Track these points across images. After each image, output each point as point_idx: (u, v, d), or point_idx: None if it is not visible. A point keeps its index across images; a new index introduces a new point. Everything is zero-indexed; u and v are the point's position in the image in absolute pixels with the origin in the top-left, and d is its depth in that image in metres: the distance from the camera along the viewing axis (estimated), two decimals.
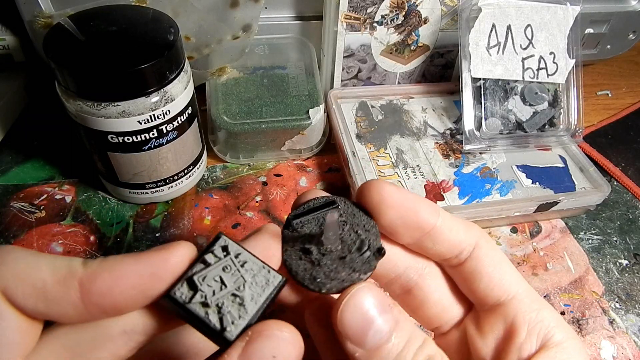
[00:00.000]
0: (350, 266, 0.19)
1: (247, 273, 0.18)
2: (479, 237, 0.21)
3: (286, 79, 0.46)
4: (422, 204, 0.20)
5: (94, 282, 0.16)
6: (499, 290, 0.21)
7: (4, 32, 0.44)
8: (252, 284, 0.17)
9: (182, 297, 0.17)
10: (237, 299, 0.17)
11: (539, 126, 0.45)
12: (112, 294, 0.17)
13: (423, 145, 0.44)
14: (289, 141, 0.43)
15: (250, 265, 0.18)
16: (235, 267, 0.18)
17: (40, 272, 0.16)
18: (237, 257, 0.18)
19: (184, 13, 0.39)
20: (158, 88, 0.33)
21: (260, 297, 0.17)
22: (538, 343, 0.19)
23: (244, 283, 0.17)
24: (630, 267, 0.39)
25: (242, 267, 0.18)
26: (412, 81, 0.51)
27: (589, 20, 0.51)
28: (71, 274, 0.16)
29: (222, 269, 0.17)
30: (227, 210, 0.41)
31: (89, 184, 0.42)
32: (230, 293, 0.17)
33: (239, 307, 0.17)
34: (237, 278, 0.17)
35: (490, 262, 0.21)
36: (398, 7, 0.44)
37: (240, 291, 0.17)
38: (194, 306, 0.17)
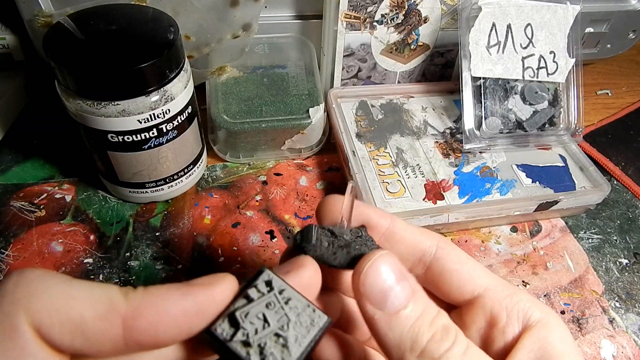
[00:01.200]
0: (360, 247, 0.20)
1: (292, 311, 0.17)
2: (438, 239, 0.22)
3: (286, 78, 0.46)
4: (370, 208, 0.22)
5: (138, 318, 0.15)
6: (471, 284, 0.21)
7: (4, 31, 0.44)
8: (296, 324, 0.17)
9: (222, 334, 0.16)
10: (281, 340, 0.16)
11: (539, 125, 0.45)
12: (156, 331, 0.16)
13: (423, 145, 0.44)
14: (289, 140, 0.43)
15: (295, 303, 0.17)
16: (279, 304, 0.17)
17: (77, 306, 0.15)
18: (281, 293, 0.17)
19: (183, 12, 0.39)
20: (158, 87, 0.33)
21: (305, 339, 0.16)
22: (519, 324, 0.20)
23: (288, 322, 0.16)
24: (630, 266, 0.39)
25: (286, 305, 0.17)
26: (412, 80, 0.51)
27: (589, 19, 0.51)
28: (113, 309, 0.15)
29: (265, 305, 0.17)
30: (227, 209, 0.41)
31: (89, 183, 0.42)
32: (274, 333, 0.16)
33: (282, 349, 0.16)
34: (280, 316, 0.17)
35: (456, 260, 0.22)
36: (398, 6, 0.44)
37: (284, 331, 0.16)
38: (235, 345, 0.16)
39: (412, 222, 0.37)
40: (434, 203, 0.39)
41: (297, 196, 0.42)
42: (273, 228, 0.40)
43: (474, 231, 0.41)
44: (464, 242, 0.40)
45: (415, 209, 0.38)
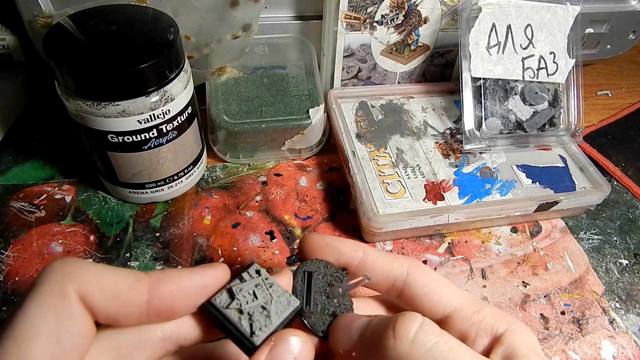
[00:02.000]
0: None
1: (274, 293, 0.21)
2: (408, 264, 0.24)
3: (286, 79, 0.46)
4: (343, 243, 0.25)
5: (159, 287, 0.19)
6: (441, 305, 0.23)
7: (4, 31, 0.44)
8: (277, 302, 0.21)
9: (221, 303, 0.20)
10: (265, 312, 0.20)
11: (539, 126, 0.45)
12: (172, 299, 0.20)
13: (423, 145, 0.44)
14: (289, 141, 0.43)
15: (276, 288, 0.21)
16: (265, 286, 0.21)
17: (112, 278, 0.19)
18: (266, 279, 0.22)
19: (183, 12, 0.39)
20: (158, 87, 0.33)
21: (283, 314, 0.21)
22: (488, 337, 0.22)
23: (271, 300, 0.21)
24: (630, 267, 0.39)
25: (270, 287, 0.21)
26: (412, 81, 0.51)
27: (589, 20, 0.51)
28: (140, 280, 0.19)
29: (255, 285, 0.21)
30: (227, 209, 0.41)
31: (88, 183, 0.42)
32: (260, 305, 0.21)
33: (265, 319, 0.20)
34: (265, 294, 0.21)
35: (424, 284, 0.24)
36: (398, 6, 0.44)
37: (268, 305, 0.21)
38: (230, 312, 0.20)
39: (412, 222, 0.37)
40: (434, 204, 0.39)
41: (297, 197, 0.42)
42: (273, 228, 0.40)
43: (474, 232, 0.41)
44: (464, 242, 0.40)
45: (415, 209, 0.38)
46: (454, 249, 0.39)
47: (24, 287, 0.34)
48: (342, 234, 0.39)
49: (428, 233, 0.40)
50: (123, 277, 0.19)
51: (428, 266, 0.26)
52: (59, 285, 0.18)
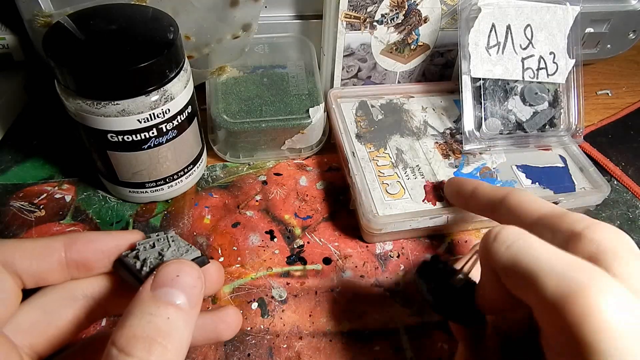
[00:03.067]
0: None
1: (173, 244, 0.24)
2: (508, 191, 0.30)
3: (286, 78, 0.46)
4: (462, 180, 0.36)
5: (75, 242, 0.22)
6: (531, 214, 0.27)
7: (4, 31, 0.44)
8: (174, 250, 0.23)
9: (123, 254, 0.23)
10: (160, 257, 0.23)
11: (539, 126, 0.45)
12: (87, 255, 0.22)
13: (423, 145, 0.44)
14: (289, 140, 0.43)
15: (178, 243, 0.24)
16: (166, 241, 0.24)
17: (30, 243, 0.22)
18: (171, 237, 0.24)
19: (183, 12, 0.39)
20: (158, 87, 0.33)
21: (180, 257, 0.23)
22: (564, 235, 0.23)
23: (168, 248, 0.23)
24: None
25: (171, 242, 0.24)
26: (412, 80, 0.51)
27: (589, 19, 0.51)
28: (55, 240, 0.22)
29: (156, 240, 0.24)
30: (227, 209, 0.41)
31: (88, 183, 0.42)
32: (157, 252, 0.23)
33: (158, 261, 0.22)
34: (164, 244, 0.24)
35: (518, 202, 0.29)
36: (398, 6, 0.44)
37: (163, 252, 0.23)
38: (129, 259, 0.23)
39: (411, 224, 0.37)
40: (434, 204, 0.39)
41: (297, 196, 0.42)
42: (273, 228, 0.40)
43: (474, 232, 0.41)
44: (463, 242, 0.40)
45: (414, 210, 0.38)
46: (454, 249, 0.39)
47: None
48: (341, 234, 0.39)
49: (428, 233, 0.40)
50: (40, 240, 0.22)
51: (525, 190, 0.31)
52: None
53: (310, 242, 0.39)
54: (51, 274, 0.22)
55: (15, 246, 0.21)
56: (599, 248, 0.21)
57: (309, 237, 0.39)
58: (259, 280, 0.36)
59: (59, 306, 0.22)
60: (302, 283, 0.36)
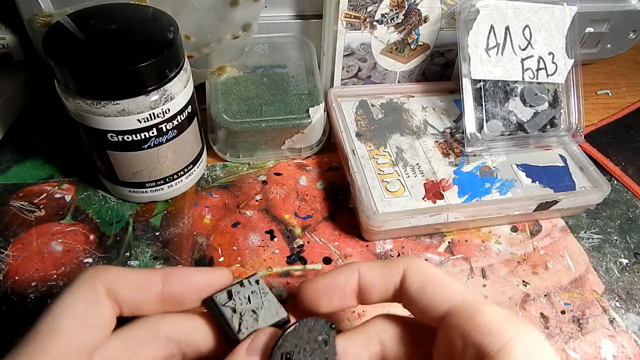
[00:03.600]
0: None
1: (266, 301, 0.24)
2: (404, 268, 0.24)
3: (286, 78, 0.46)
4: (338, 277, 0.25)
5: (171, 278, 0.23)
6: (433, 309, 0.23)
7: (4, 30, 0.44)
8: (266, 309, 0.24)
9: (220, 301, 0.24)
10: (254, 315, 0.24)
11: (540, 127, 0.45)
12: (182, 289, 0.23)
13: (423, 144, 0.44)
14: (289, 140, 0.43)
15: (269, 298, 0.25)
16: (260, 294, 0.25)
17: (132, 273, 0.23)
18: (263, 289, 0.25)
19: (183, 12, 0.39)
20: (158, 86, 0.33)
21: (269, 320, 0.24)
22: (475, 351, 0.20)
23: (262, 307, 0.24)
24: (630, 266, 0.39)
25: (264, 296, 0.25)
26: (412, 80, 0.51)
27: (589, 19, 0.51)
28: (154, 273, 0.23)
29: (251, 292, 0.25)
30: (227, 209, 0.41)
31: (88, 182, 0.42)
32: (252, 309, 0.24)
33: (253, 321, 0.23)
34: (258, 301, 0.24)
35: (416, 289, 0.23)
36: (398, 5, 0.44)
37: (258, 310, 0.24)
38: (226, 309, 0.24)
39: (411, 221, 0.37)
40: (434, 202, 0.39)
41: (297, 196, 0.42)
42: (273, 228, 0.40)
43: (474, 231, 0.41)
44: (464, 241, 0.40)
45: (414, 208, 0.38)
46: (454, 248, 0.39)
47: (24, 286, 0.34)
48: (341, 233, 0.39)
49: (428, 232, 0.40)
50: (141, 271, 0.23)
51: (427, 263, 0.25)
52: (89, 280, 0.22)
53: (310, 241, 0.39)
54: (147, 305, 0.23)
55: (120, 275, 0.22)
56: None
57: (309, 236, 0.39)
58: None
59: (142, 343, 0.23)
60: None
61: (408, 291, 0.23)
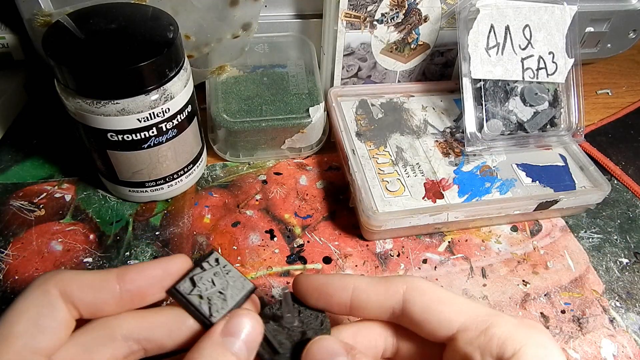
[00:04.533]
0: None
1: (230, 279, 0.24)
2: (404, 289, 0.23)
3: (286, 78, 0.46)
4: (333, 283, 0.25)
5: (126, 273, 0.23)
6: (442, 329, 0.22)
7: (4, 30, 0.44)
8: (232, 287, 0.24)
9: (184, 290, 0.23)
10: (222, 296, 0.24)
11: (540, 126, 0.45)
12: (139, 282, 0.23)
13: (423, 144, 0.44)
14: (289, 139, 0.43)
15: (233, 274, 0.25)
16: (222, 273, 0.24)
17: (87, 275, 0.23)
18: (224, 267, 0.25)
19: (183, 11, 0.39)
20: (157, 86, 0.33)
21: (237, 296, 0.24)
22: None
23: (227, 285, 0.24)
24: (630, 266, 0.39)
25: (227, 274, 0.24)
26: (412, 79, 0.51)
27: (589, 19, 0.51)
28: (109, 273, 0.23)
29: (213, 274, 0.24)
30: (227, 208, 0.41)
31: (88, 182, 0.42)
32: (218, 291, 0.24)
33: (222, 302, 0.23)
34: (222, 281, 0.24)
35: (421, 311, 0.23)
36: (398, 5, 0.44)
37: (225, 290, 0.24)
38: (193, 297, 0.23)
39: (411, 220, 0.37)
40: (434, 202, 0.39)
41: (297, 195, 0.42)
42: (273, 227, 0.40)
43: (474, 230, 0.41)
44: (464, 241, 0.40)
45: (414, 207, 0.38)
46: (454, 248, 0.39)
47: (24, 286, 0.34)
48: (341, 233, 0.39)
49: (428, 231, 0.40)
50: (96, 273, 0.23)
51: (428, 282, 0.24)
52: (42, 284, 0.22)
53: (310, 241, 0.39)
54: (108, 305, 0.22)
55: (74, 277, 0.22)
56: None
57: (309, 236, 0.39)
58: (258, 280, 0.36)
59: (98, 344, 0.22)
60: None
61: (412, 314, 0.23)
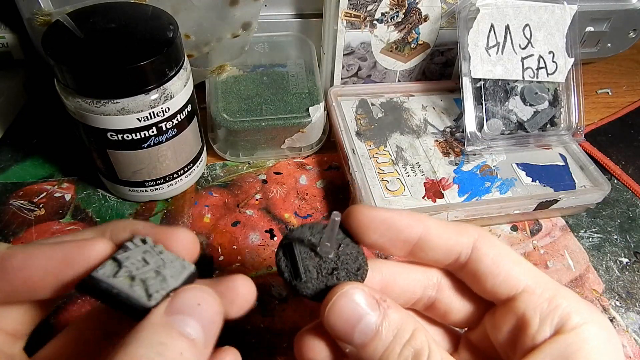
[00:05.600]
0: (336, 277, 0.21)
1: (166, 258, 0.19)
2: (475, 237, 0.22)
3: (286, 77, 0.46)
4: (402, 218, 0.21)
5: (9, 259, 0.18)
6: (506, 286, 0.21)
7: (3, 29, 0.44)
8: (171, 266, 0.19)
9: (105, 274, 0.18)
10: (160, 276, 0.18)
11: (540, 126, 0.45)
12: (25, 272, 0.18)
13: (423, 143, 0.44)
14: (289, 139, 0.43)
15: (166, 255, 0.19)
16: (154, 252, 0.19)
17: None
18: (155, 246, 0.19)
19: (183, 11, 0.39)
20: (157, 85, 0.33)
21: (180, 276, 0.19)
22: (552, 330, 0.20)
23: (164, 264, 0.19)
24: (630, 265, 0.39)
25: (160, 254, 0.19)
26: (412, 79, 0.51)
27: (589, 18, 0.51)
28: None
29: (142, 252, 0.19)
30: (227, 208, 0.41)
31: (88, 181, 0.42)
32: (154, 270, 0.18)
33: (161, 282, 0.18)
34: (157, 260, 0.19)
35: (491, 262, 0.21)
36: (398, 4, 0.44)
37: (162, 269, 0.19)
38: (118, 280, 0.18)
39: None
40: (434, 201, 0.39)
41: (297, 195, 0.42)
42: (273, 227, 0.40)
43: None
44: None
45: (414, 207, 0.38)
46: None
47: None
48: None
49: None
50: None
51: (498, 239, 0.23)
52: None
53: None
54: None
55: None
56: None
57: None
58: (259, 279, 0.36)
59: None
60: None
61: (479, 264, 0.21)
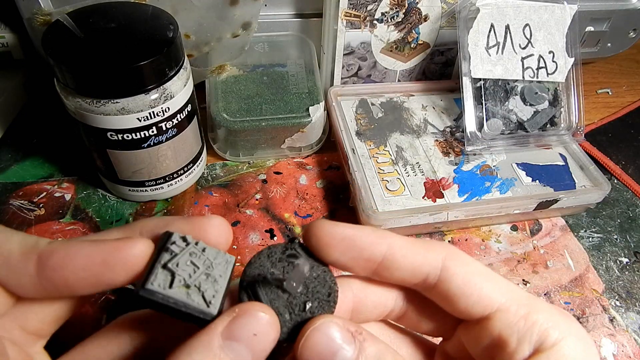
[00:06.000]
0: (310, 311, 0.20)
1: (209, 255, 0.19)
2: (443, 255, 0.20)
3: (286, 77, 0.46)
4: (364, 235, 0.21)
5: (49, 257, 0.18)
6: (480, 306, 0.20)
7: (3, 29, 0.44)
8: (217, 264, 0.19)
9: (160, 286, 0.18)
10: (210, 278, 0.19)
11: (540, 125, 0.45)
12: (64, 271, 0.18)
13: (423, 143, 0.44)
14: (289, 139, 0.43)
15: (209, 251, 0.20)
16: (198, 251, 0.19)
17: (9, 244, 0.18)
18: (197, 244, 0.19)
19: (183, 11, 0.39)
20: (157, 85, 0.33)
21: (226, 274, 0.19)
22: (532, 348, 0.19)
23: (212, 264, 0.19)
24: (630, 265, 0.39)
25: (203, 252, 0.19)
26: (412, 79, 0.51)
27: (589, 18, 0.51)
28: (34, 248, 0.18)
29: (189, 254, 0.19)
30: (227, 208, 0.41)
31: (88, 181, 0.42)
32: (204, 273, 0.19)
33: (213, 284, 0.19)
34: (204, 260, 0.19)
35: (462, 282, 0.20)
36: (398, 4, 0.44)
37: (211, 270, 0.19)
38: (175, 291, 0.18)
39: (411, 220, 0.37)
40: (434, 201, 0.39)
41: (297, 195, 0.42)
42: (273, 227, 0.39)
43: (474, 230, 0.41)
44: (464, 240, 0.40)
45: (414, 207, 0.38)
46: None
47: None
48: None
49: (428, 231, 0.40)
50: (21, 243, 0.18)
51: (467, 255, 0.21)
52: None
53: None
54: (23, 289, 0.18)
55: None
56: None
57: None
58: None
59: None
60: None
61: (449, 284, 0.20)
